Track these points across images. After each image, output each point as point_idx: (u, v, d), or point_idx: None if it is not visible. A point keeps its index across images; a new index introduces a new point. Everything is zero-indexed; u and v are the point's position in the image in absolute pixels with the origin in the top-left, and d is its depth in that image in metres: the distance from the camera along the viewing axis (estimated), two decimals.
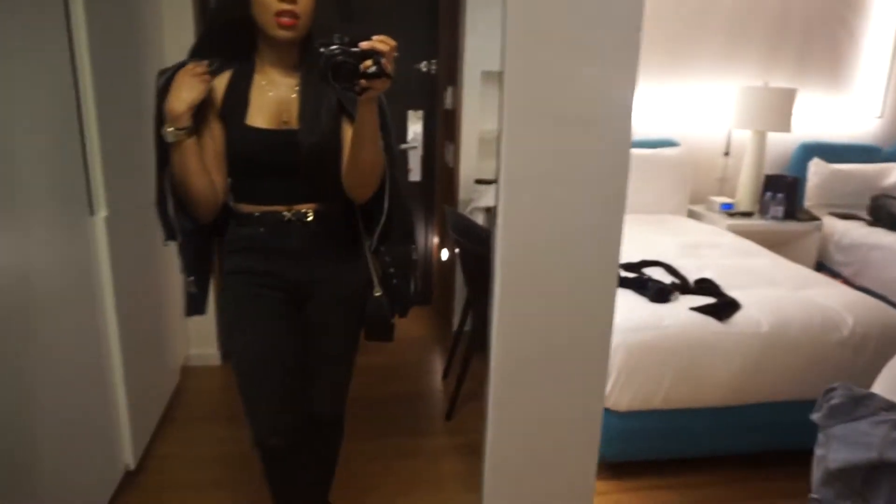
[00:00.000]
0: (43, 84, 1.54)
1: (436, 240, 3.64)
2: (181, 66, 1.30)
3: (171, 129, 1.26)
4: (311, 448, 1.62)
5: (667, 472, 2.17)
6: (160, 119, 1.30)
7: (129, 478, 2.03)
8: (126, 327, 1.94)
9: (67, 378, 1.63)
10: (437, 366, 3.01)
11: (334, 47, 1.14)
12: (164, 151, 1.32)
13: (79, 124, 1.70)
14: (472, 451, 2.30)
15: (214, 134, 1.34)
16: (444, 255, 3.50)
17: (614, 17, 0.77)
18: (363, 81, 1.15)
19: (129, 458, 2.02)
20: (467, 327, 2.86)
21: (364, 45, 1.15)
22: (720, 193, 3.88)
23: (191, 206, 1.36)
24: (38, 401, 1.47)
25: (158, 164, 1.36)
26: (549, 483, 1.02)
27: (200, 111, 1.29)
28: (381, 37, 1.16)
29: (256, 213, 1.37)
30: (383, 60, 1.14)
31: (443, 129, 3.41)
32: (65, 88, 1.64)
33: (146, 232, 2.19)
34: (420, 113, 3.38)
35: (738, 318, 2.13)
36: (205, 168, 1.32)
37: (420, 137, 3.41)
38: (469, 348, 2.48)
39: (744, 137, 3.70)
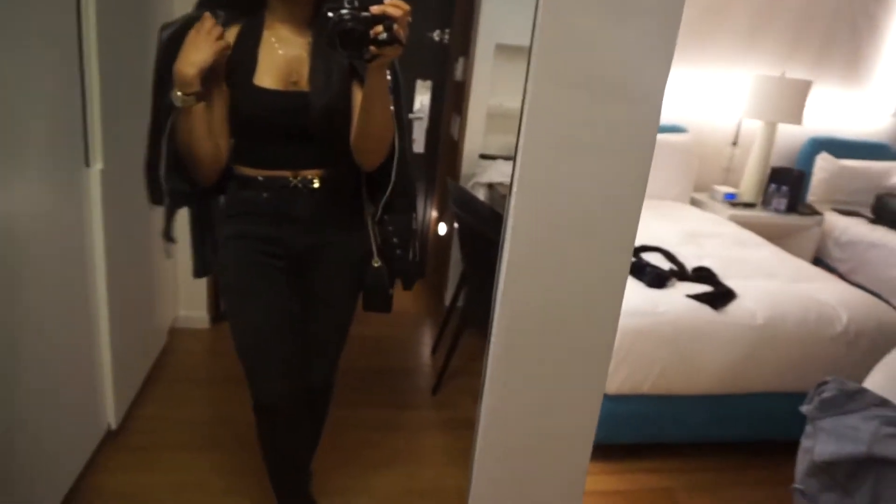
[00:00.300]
0: (45, 31, 1.49)
1: (434, 213, 3.59)
2: (189, 20, 1.22)
3: (178, 93, 1.19)
4: (302, 413, 1.61)
5: (654, 457, 2.16)
6: (161, 77, 1.24)
7: (111, 437, 2.02)
8: (114, 284, 1.91)
9: (52, 331, 1.61)
10: (427, 340, 2.99)
11: (343, 11, 1.07)
12: (162, 112, 1.26)
13: (80, 74, 1.65)
14: (457, 425, 2.29)
15: (220, 93, 1.28)
16: (442, 229, 3.47)
17: None
18: (373, 48, 1.09)
19: (111, 417, 2.00)
20: (459, 303, 2.84)
21: (375, 9, 1.08)
22: (725, 183, 3.83)
23: (192, 170, 1.31)
24: (21, 352, 1.44)
25: (153, 125, 1.30)
26: (541, 466, 1.00)
27: (210, 71, 1.22)
28: (394, 0, 1.09)
29: (260, 178, 1.32)
30: (395, 26, 1.07)
31: (451, 100, 3.35)
32: (67, 36, 1.59)
33: (141, 189, 2.14)
34: (429, 83, 3.31)
35: (733, 307, 2.11)
36: (211, 132, 1.27)
37: (427, 108, 3.35)
38: (460, 324, 2.46)
39: (754, 128, 3.64)
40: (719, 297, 2.12)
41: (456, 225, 2.75)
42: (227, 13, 1.26)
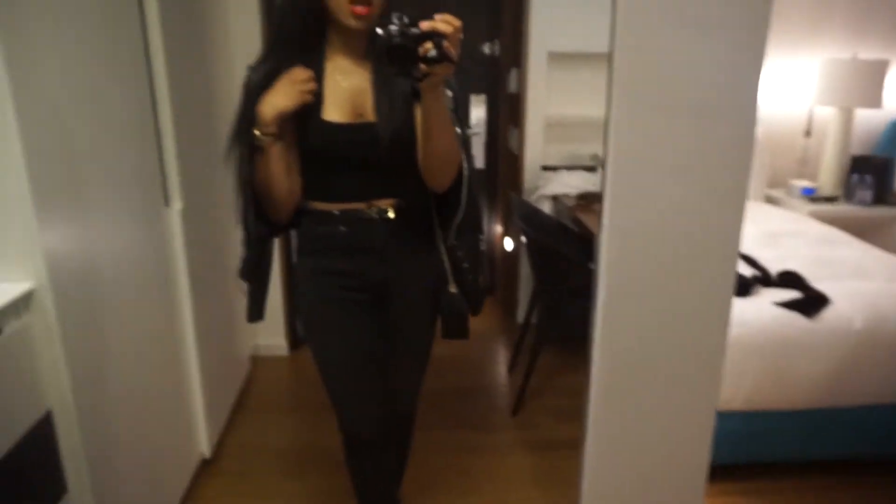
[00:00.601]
0: (122, 85, 1.57)
1: (499, 228, 3.57)
2: (275, 68, 1.24)
3: (257, 132, 1.22)
4: (389, 441, 1.62)
5: (749, 478, 2.06)
6: (247, 118, 1.25)
7: (205, 466, 2.08)
8: (200, 316, 1.98)
9: (147, 364, 1.68)
10: (502, 358, 2.97)
11: (392, 28, 1.04)
12: (245, 159, 1.28)
13: (154, 122, 1.74)
14: (541, 446, 2.25)
15: (291, 131, 1.29)
16: (508, 244, 3.44)
17: None
18: (423, 66, 1.06)
19: (204, 447, 2.07)
20: (533, 319, 2.80)
21: (424, 25, 1.04)
22: (800, 177, 3.65)
23: (271, 209, 1.33)
24: (119, 386, 1.50)
25: (240, 172, 1.30)
26: (655, 491, 0.96)
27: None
28: (445, 16, 1.06)
29: (336, 212, 1.33)
30: (445, 43, 1.04)
31: (507, 113, 3.34)
32: (141, 85, 1.68)
33: (216, 224, 2.24)
34: (483, 97, 3.31)
35: (827, 314, 1.99)
36: (288, 170, 1.29)
37: (483, 122, 3.34)
38: (537, 342, 2.42)
39: (827, 115, 3.46)
40: (811, 303, 2.00)
41: (523, 240, 2.72)
42: (294, 54, 1.27)
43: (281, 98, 1.21)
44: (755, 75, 0.74)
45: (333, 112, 1.28)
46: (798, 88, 3.53)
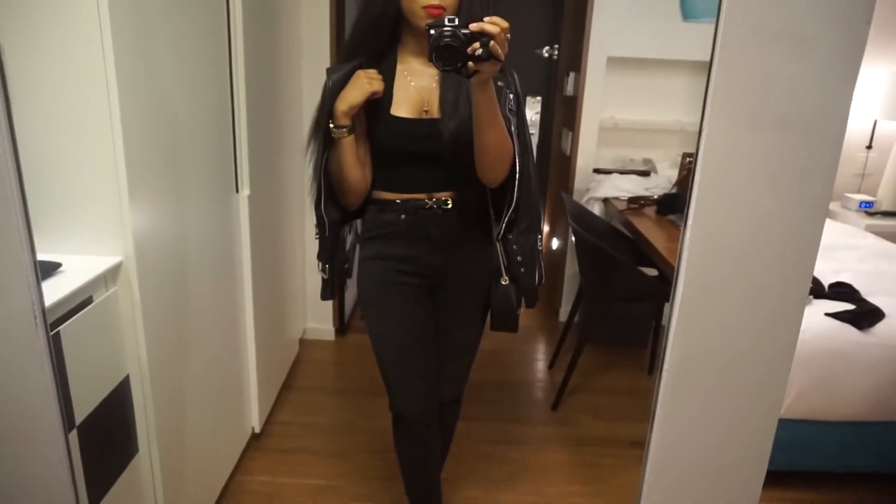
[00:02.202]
0: (209, 81, 1.68)
1: (546, 228, 3.60)
2: (353, 68, 1.34)
3: (332, 126, 1.33)
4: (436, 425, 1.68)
5: (793, 486, 2.05)
6: (325, 114, 1.35)
7: (254, 440, 2.19)
8: (258, 298, 2.08)
9: (212, 340, 1.78)
10: (542, 355, 3.00)
11: (444, 28, 1.12)
12: (324, 146, 1.38)
13: (231, 118, 1.85)
14: (579, 443, 2.29)
15: (363, 125, 1.39)
16: (555, 244, 3.47)
17: (842, 8, 0.70)
18: (471, 64, 1.13)
19: (255, 422, 2.17)
20: (576, 319, 2.83)
21: (473, 26, 1.11)
22: (858, 190, 3.57)
23: (343, 196, 1.43)
24: (189, 357, 1.60)
25: (317, 164, 1.42)
26: (712, 493, 0.99)
27: (359, 109, 1.34)
28: (493, 18, 1.12)
29: (398, 200, 1.41)
30: (492, 43, 1.11)
31: (561, 115, 3.36)
32: (223, 84, 1.79)
33: (276, 211, 2.34)
34: (538, 99, 3.34)
35: (881, 327, 1.97)
36: (359, 161, 1.39)
37: (536, 124, 3.38)
38: (580, 340, 2.45)
39: (891, 129, 3.37)
40: (864, 315, 1.98)
41: (573, 239, 2.75)
42: (369, 56, 1.37)
43: (352, 92, 1.31)
44: (848, 91, 0.76)
45: (401, 108, 1.37)
46: (863, 101, 3.45)
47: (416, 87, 1.37)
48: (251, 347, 2.08)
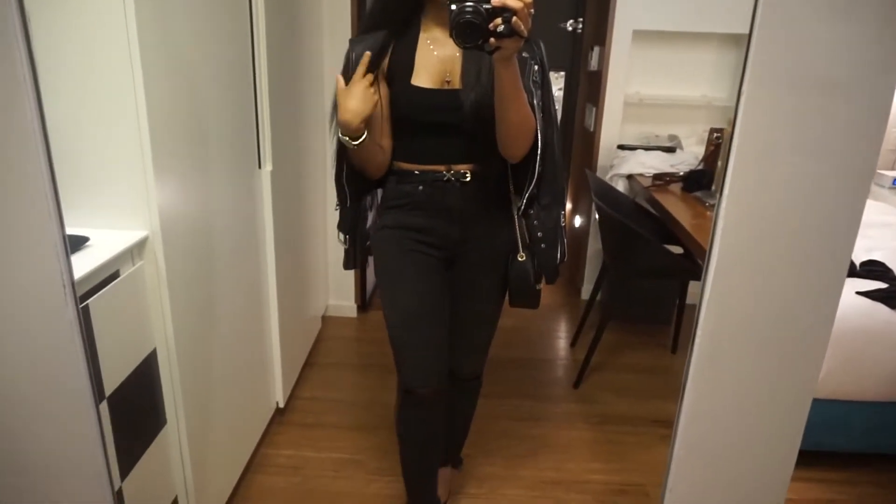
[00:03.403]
0: (231, 57, 1.68)
1: (569, 205, 3.57)
2: (382, 38, 1.32)
3: (346, 138, 1.31)
4: (450, 403, 1.67)
5: (818, 466, 2.03)
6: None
7: (278, 415, 2.22)
8: (281, 273, 2.09)
9: (237, 315, 1.80)
10: (563, 333, 2.99)
11: (467, 4, 1.08)
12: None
13: (254, 93, 1.85)
14: (601, 420, 2.28)
15: (382, 95, 1.37)
16: (577, 221, 3.44)
17: None
18: (493, 40, 1.09)
19: (279, 397, 2.20)
20: (599, 296, 2.81)
21: (495, 1, 1.07)
22: (892, 167, 3.47)
23: (364, 172, 1.43)
24: (214, 331, 1.62)
25: (339, 143, 1.40)
26: (743, 472, 0.98)
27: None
28: None
29: (416, 171, 1.40)
30: (515, 18, 1.07)
31: (585, 91, 3.31)
32: (245, 60, 1.78)
33: (298, 187, 2.34)
34: (562, 74, 3.28)
35: None
36: (381, 147, 1.38)
37: (560, 99, 3.32)
38: (603, 318, 2.44)
39: None
40: (895, 294, 1.94)
41: (596, 216, 2.72)
42: (392, 26, 1.35)
43: (355, 102, 1.27)
44: (893, 59, 0.73)
45: (423, 78, 1.34)
46: None
47: (438, 57, 1.34)
48: (275, 323, 2.10)
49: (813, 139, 0.75)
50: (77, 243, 1.20)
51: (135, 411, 1.33)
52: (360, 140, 1.31)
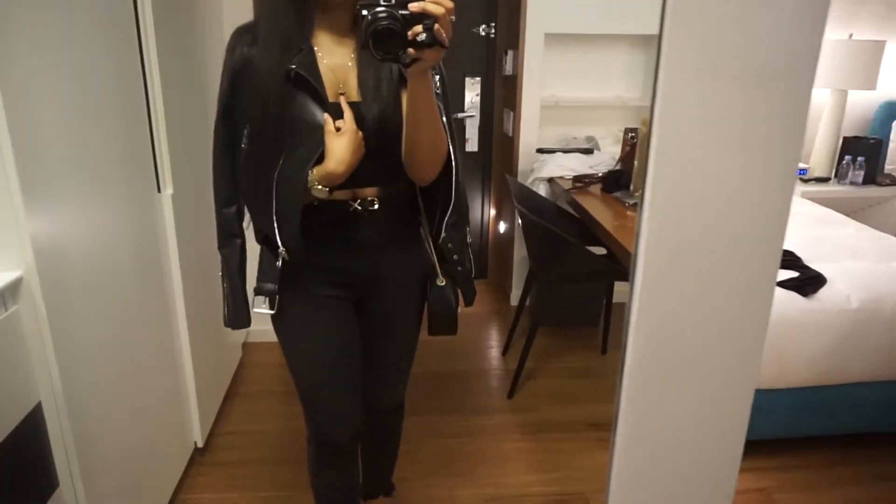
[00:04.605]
0: (115, 74, 1.53)
1: (493, 212, 3.55)
2: (257, 39, 1.18)
3: (319, 186, 1.15)
4: (374, 437, 1.59)
5: (746, 455, 2.05)
6: (228, 108, 1.21)
7: (198, 455, 2.06)
8: (191, 302, 1.94)
9: (139, 352, 1.64)
10: (495, 342, 2.96)
11: (379, 9, 0.97)
12: (228, 149, 1.25)
13: (147, 111, 1.70)
14: (537, 429, 2.25)
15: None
16: (502, 227, 3.42)
17: None
18: (411, 51, 0.99)
19: (197, 436, 2.04)
20: (528, 302, 2.79)
21: (414, 6, 0.97)
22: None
23: (295, 212, 1.23)
24: (111, 374, 1.47)
25: (216, 160, 1.27)
26: (688, 473, 0.95)
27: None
28: None
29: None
30: (436, 26, 0.98)
31: (502, 96, 3.30)
32: (134, 75, 1.63)
33: (205, 208, 2.18)
34: (477, 79, 3.26)
35: (824, 293, 1.99)
36: None
37: (477, 105, 3.30)
38: (533, 324, 2.41)
39: (821, 96, 3.45)
40: (808, 282, 2.00)
41: (519, 222, 2.70)
42: (277, 28, 1.17)
43: (355, 156, 1.15)
44: (816, 43, 0.71)
45: None
46: None
47: (328, 66, 1.19)
48: (187, 356, 1.94)
49: (735, 132, 0.73)
50: None
51: (17, 477, 1.16)
52: (332, 189, 1.17)
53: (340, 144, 1.13)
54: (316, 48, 1.19)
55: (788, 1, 0.68)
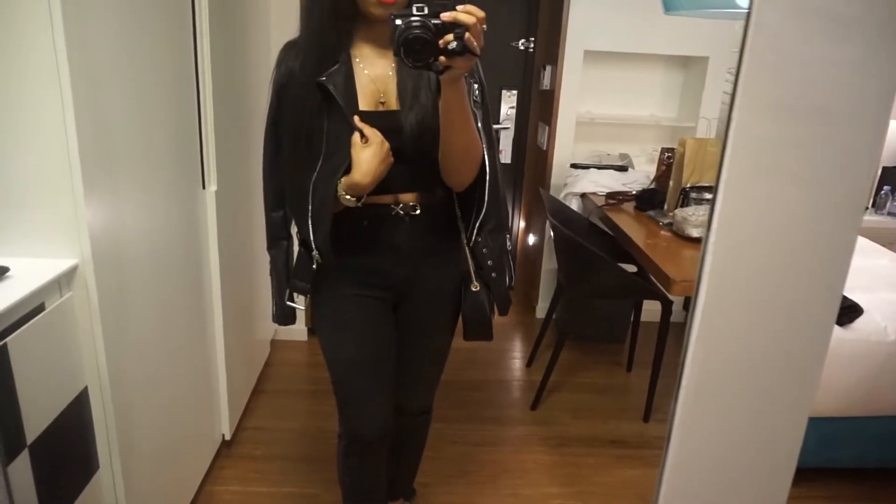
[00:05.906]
0: (173, 78, 1.59)
1: (522, 224, 3.56)
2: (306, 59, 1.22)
3: (348, 196, 1.20)
4: (399, 439, 1.61)
5: None
6: (283, 107, 1.25)
7: (225, 448, 2.10)
8: (227, 298, 1.99)
9: (177, 344, 1.68)
10: (520, 353, 2.96)
11: (412, 18, 1.00)
12: (277, 163, 1.30)
13: (198, 110, 1.76)
14: (559, 443, 2.25)
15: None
16: (531, 240, 3.43)
17: None
18: (443, 59, 1.00)
19: (225, 429, 2.08)
20: (555, 315, 2.79)
21: (446, 16, 0.99)
22: None
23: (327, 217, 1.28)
24: (152, 364, 1.51)
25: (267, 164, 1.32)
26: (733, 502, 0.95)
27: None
28: (467, 7, 1.01)
29: (358, 205, 1.23)
30: (467, 35, 1.00)
31: (537, 109, 3.32)
32: (188, 78, 1.69)
33: (245, 207, 2.24)
34: (514, 92, 3.29)
35: (860, 323, 1.97)
36: None
37: (512, 118, 3.32)
38: (560, 337, 2.41)
39: None
40: (844, 311, 1.98)
41: (550, 235, 2.71)
42: (322, 42, 1.20)
43: (383, 166, 1.18)
44: (890, 85, 0.71)
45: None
46: None
47: (369, 76, 1.23)
48: (220, 351, 1.99)
49: (806, 170, 0.73)
50: None
51: (63, 458, 1.20)
52: (358, 198, 1.20)
53: (366, 156, 1.16)
54: (358, 59, 1.24)
55: (861, 36, 0.68)
